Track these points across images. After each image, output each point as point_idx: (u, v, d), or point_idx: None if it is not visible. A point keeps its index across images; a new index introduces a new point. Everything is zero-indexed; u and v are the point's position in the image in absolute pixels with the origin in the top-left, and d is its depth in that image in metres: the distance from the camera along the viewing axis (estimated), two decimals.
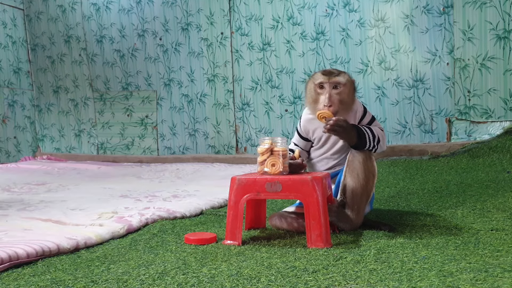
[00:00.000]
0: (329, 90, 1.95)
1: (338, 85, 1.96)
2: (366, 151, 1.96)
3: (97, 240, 1.90)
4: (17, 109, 5.94)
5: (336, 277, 1.33)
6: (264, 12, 4.87)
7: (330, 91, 1.95)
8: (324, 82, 1.97)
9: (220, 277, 1.36)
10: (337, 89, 1.96)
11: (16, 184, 3.81)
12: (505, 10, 3.91)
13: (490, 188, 2.74)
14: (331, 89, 1.95)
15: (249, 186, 1.78)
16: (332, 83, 1.96)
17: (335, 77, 1.97)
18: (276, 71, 4.87)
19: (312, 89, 2.00)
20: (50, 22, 6.01)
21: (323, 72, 2.01)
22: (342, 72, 2.02)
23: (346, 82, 1.98)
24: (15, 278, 1.44)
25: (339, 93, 1.96)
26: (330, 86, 1.96)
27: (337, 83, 1.96)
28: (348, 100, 1.99)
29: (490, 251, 1.51)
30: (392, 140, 4.39)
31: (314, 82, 2.00)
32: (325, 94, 1.94)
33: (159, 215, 2.33)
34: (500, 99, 3.99)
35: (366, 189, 1.93)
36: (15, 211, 2.54)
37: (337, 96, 1.95)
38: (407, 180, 3.28)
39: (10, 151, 5.78)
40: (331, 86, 1.96)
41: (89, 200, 2.91)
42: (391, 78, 4.37)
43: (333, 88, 1.96)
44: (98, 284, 1.34)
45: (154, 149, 5.55)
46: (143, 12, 5.46)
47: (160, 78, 5.46)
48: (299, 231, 1.93)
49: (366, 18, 4.43)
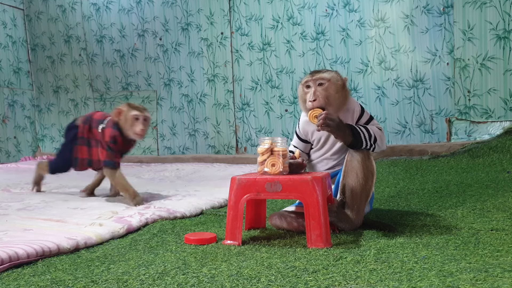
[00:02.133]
0: (314, 86, 1.98)
1: (323, 81, 1.99)
2: (364, 150, 1.96)
3: (97, 240, 1.90)
4: (17, 109, 5.94)
5: (336, 277, 1.33)
6: (264, 12, 4.87)
7: (315, 88, 1.98)
8: (309, 80, 2.01)
9: (220, 277, 1.36)
10: (323, 86, 1.99)
11: (16, 184, 3.80)
12: (505, 10, 3.91)
13: (490, 188, 2.74)
14: (316, 86, 1.98)
15: (249, 186, 1.78)
16: (315, 79, 1.99)
17: (319, 74, 2.01)
18: (276, 71, 4.86)
19: (301, 91, 2.04)
20: (50, 22, 6.01)
21: (310, 73, 2.07)
22: (328, 70, 2.06)
23: (331, 78, 2.00)
24: (15, 278, 1.44)
25: (325, 89, 1.98)
26: (315, 83, 1.99)
27: (321, 79, 1.99)
28: (336, 96, 2.00)
29: (490, 251, 1.51)
30: (392, 140, 4.39)
31: (301, 83, 2.06)
32: (311, 91, 1.97)
33: (159, 215, 2.32)
34: (500, 99, 3.99)
35: (365, 189, 1.93)
36: (15, 211, 2.54)
37: (323, 92, 1.97)
38: (407, 180, 3.28)
39: (10, 151, 5.78)
40: (315, 83, 1.99)
41: (90, 200, 2.92)
42: (391, 78, 4.37)
43: (318, 85, 1.99)
44: (98, 284, 1.34)
45: (154, 149, 5.55)
46: (143, 12, 5.46)
47: (160, 78, 5.46)
48: (299, 231, 1.93)
49: (366, 18, 4.42)
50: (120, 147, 2.77)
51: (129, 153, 3.14)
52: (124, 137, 2.75)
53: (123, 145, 2.79)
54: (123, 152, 2.86)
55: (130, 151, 2.97)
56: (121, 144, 2.76)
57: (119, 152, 2.80)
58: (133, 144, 2.91)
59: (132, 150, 3.08)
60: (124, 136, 2.75)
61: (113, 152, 2.73)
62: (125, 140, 2.77)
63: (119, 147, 2.76)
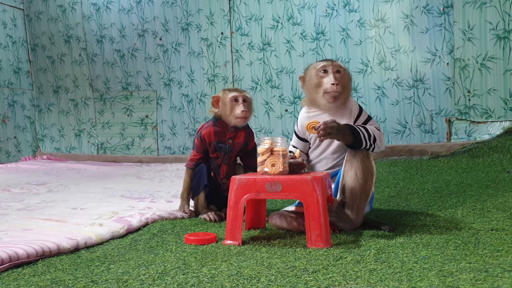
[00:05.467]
0: (333, 72, 2.00)
1: (340, 70, 2.02)
2: (363, 150, 1.96)
3: (97, 240, 1.90)
4: (17, 109, 5.94)
5: (336, 277, 1.33)
6: (264, 12, 4.86)
7: (335, 74, 1.99)
8: (327, 65, 2.02)
9: (220, 277, 1.36)
10: (340, 73, 2.01)
11: (16, 184, 3.80)
12: (505, 10, 3.91)
13: (490, 188, 2.74)
14: (334, 72, 1.99)
15: (249, 186, 1.78)
16: (335, 66, 2.02)
17: (337, 62, 2.05)
18: (276, 71, 4.86)
19: (314, 75, 2.03)
20: (50, 22, 6.01)
21: (326, 59, 2.09)
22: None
23: (346, 69, 2.06)
24: (15, 278, 1.44)
25: (341, 77, 2.01)
26: (334, 69, 2.01)
27: (339, 67, 2.03)
28: (348, 88, 2.05)
29: (490, 251, 1.51)
30: (392, 140, 4.39)
31: (315, 68, 2.04)
32: (330, 75, 1.98)
33: (159, 215, 2.32)
34: (500, 99, 3.98)
35: (365, 189, 1.93)
36: (15, 211, 2.54)
37: (341, 79, 1.99)
38: (407, 180, 3.28)
39: (10, 151, 5.78)
40: (334, 69, 2.01)
41: (90, 200, 2.92)
42: (391, 78, 4.37)
43: (336, 71, 2.01)
44: (98, 284, 1.34)
45: (154, 149, 5.55)
46: (143, 12, 5.46)
47: (160, 78, 5.46)
48: (298, 230, 1.93)
49: (366, 18, 4.42)
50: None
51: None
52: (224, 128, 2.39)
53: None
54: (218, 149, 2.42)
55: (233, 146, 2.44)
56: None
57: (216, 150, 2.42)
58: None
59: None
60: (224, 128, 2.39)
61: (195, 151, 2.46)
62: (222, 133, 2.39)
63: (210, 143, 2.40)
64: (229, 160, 2.42)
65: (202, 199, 2.40)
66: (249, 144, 2.44)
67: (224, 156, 2.40)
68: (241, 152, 2.44)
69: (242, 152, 2.45)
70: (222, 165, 2.42)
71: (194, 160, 2.45)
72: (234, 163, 2.47)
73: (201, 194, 2.40)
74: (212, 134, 2.38)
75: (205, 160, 2.44)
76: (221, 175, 2.42)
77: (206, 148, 2.42)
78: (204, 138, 2.39)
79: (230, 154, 2.41)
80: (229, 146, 2.39)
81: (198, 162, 2.44)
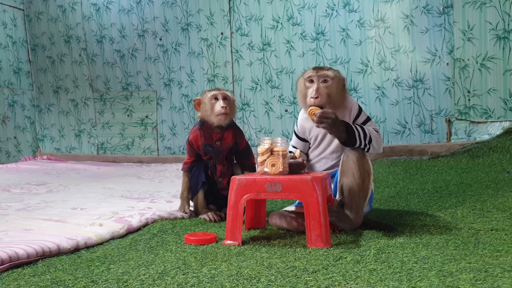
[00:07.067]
0: (318, 83, 1.98)
1: (327, 79, 1.99)
2: (359, 150, 1.96)
3: (97, 240, 1.90)
4: (17, 109, 5.94)
5: (336, 277, 1.33)
6: (264, 12, 4.87)
7: (319, 84, 1.97)
8: (313, 75, 2.00)
9: (220, 277, 1.36)
10: (326, 83, 1.99)
11: (16, 184, 3.81)
12: (505, 10, 3.91)
13: (490, 188, 2.74)
14: (319, 82, 1.98)
15: (249, 186, 1.78)
16: (320, 76, 1.99)
17: (324, 71, 2.01)
18: (276, 71, 4.87)
19: (302, 84, 2.04)
20: (50, 22, 6.01)
21: (313, 68, 2.06)
22: (331, 68, 2.06)
23: (334, 77, 2.01)
24: (15, 278, 1.44)
25: (328, 86, 1.98)
26: (319, 79, 1.99)
27: (325, 76, 1.99)
28: (337, 95, 2.01)
29: (490, 251, 1.51)
30: (392, 140, 4.39)
31: (303, 77, 2.04)
32: (313, 87, 1.97)
33: (159, 215, 2.33)
34: (500, 99, 3.99)
35: (362, 188, 1.93)
36: (15, 211, 2.54)
37: (325, 90, 1.97)
38: (407, 180, 3.28)
39: (10, 151, 5.78)
40: (319, 79, 1.99)
41: (90, 200, 2.92)
42: (391, 78, 4.37)
43: (322, 81, 1.99)
44: (98, 284, 1.34)
45: (154, 149, 5.55)
46: (143, 12, 5.46)
47: (160, 78, 5.46)
48: (298, 230, 1.93)
49: (366, 18, 4.43)
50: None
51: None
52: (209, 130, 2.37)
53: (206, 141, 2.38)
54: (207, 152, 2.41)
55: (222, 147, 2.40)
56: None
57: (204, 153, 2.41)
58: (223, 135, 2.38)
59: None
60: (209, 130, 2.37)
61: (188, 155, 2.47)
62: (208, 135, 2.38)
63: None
64: (221, 161, 2.40)
65: (201, 198, 2.40)
66: (239, 144, 2.42)
67: (216, 158, 2.40)
68: (232, 153, 2.43)
69: (233, 153, 2.44)
70: (217, 165, 2.41)
71: (188, 163, 2.46)
72: (230, 163, 2.46)
73: (200, 193, 2.40)
74: (199, 137, 2.37)
75: (200, 162, 2.44)
76: (217, 174, 2.42)
77: (196, 151, 2.42)
78: (192, 142, 2.40)
79: (220, 156, 2.39)
80: (217, 148, 2.37)
81: (192, 165, 2.44)
